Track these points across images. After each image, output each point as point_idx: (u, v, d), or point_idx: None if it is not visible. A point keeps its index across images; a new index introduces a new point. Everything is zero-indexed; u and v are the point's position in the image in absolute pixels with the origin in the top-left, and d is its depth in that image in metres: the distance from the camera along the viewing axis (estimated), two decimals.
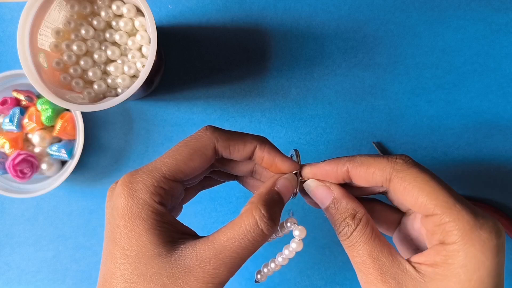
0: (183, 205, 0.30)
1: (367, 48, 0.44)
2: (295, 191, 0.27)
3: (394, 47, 0.44)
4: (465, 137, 0.44)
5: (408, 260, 0.23)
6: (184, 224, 0.24)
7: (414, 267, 0.23)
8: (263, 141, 0.26)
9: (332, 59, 0.44)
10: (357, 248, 0.24)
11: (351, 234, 0.25)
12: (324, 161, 0.27)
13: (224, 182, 0.31)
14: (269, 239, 0.25)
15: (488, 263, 0.21)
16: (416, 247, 0.27)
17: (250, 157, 0.26)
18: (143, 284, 0.21)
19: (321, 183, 0.27)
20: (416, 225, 0.27)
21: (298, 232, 0.26)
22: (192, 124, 0.45)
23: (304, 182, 0.28)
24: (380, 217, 0.29)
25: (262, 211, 0.23)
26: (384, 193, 0.27)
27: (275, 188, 0.25)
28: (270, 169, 0.27)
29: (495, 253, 0.21)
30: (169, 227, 0.22)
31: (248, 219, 0.22)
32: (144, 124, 0.45)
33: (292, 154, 0.29)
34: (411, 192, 0.24)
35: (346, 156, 0.26)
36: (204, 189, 0.30)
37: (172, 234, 0.22)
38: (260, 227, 0.22)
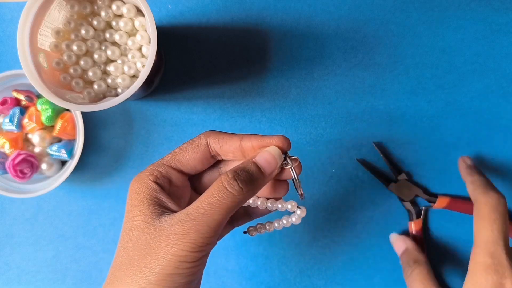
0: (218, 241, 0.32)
1: (367, 48, 0.44)
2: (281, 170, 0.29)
3: (394, 47, 0.44)
4: (465, 137, 0.44)
5: None
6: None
7: None
8: (250, 135, 0.29)
9: (332, 59, 0.44)
10: (415, 284, 0.37)
11: (411, 273, 0.39)
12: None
13: (251, 220, 0.33)
14: (264, 207, 0.29)
15: None
16: None
17: (240, 152, 0.28)
18: (131, 243, 0.25)
19: (398, 235, 0.44)
20: None
21: (300, 212, 0.29)
22: (192, 124, 0.45)
23: (290, 166, 0.28)
24: None
25: (229, 174, 0.25)
26: None
27: (252, 159, 0.27)
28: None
29: None
30: (158, 201, 0.26)
31: (215, 184, 0.25)
32: (144, 124, 0.45)
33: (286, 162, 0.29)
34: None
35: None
36: (234, 227, 0.33)
37: (160, 208, 0.26)
38: (225, 187, 0.25)
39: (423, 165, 0.44)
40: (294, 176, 0.28)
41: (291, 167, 0.28)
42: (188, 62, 0.45)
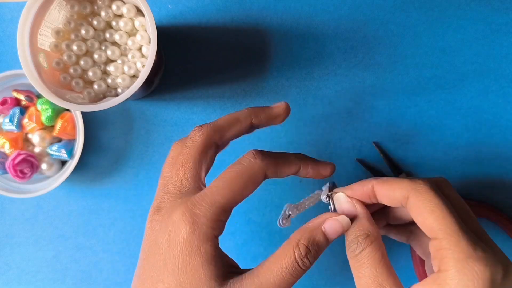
0: None
1: (367, 48, 0.44)
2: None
3: (394, 47, 0.44)
4: (465, 137, 0.44)
5: None
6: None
7: None
8: (304, 159, 0.28)
9: (332, 59, 0.44)
10: (363, 269, 0.25)
11: (359, 253, 0.26)
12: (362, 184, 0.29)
13: None
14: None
15: None
16: None
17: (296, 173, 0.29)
18: None
19: (348, 199, 0.29)
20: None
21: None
22: (192, 124, 0.45)
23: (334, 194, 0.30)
24: (419, 241, 0.31)
25: (302, 251, 0.24)
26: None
27: (322, 227, 0.26)
28: (315, 178, 0.30)
29: (487, 287, 0.22)
30: (221, 260, 0.23)
31: (288, 258, 0.24)
32: (144, 124, 0.45)
33: (328, 186, 0.31)
34: (422, 212, 0.25)
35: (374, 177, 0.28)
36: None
37: (223, 268, 0.23)
38: (299, 265, 0.24)
39: (423, 165, 0.44)
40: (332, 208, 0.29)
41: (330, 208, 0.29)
42: (188, 62, 0.45)
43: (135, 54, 0.39)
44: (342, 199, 0.29)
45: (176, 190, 0.25)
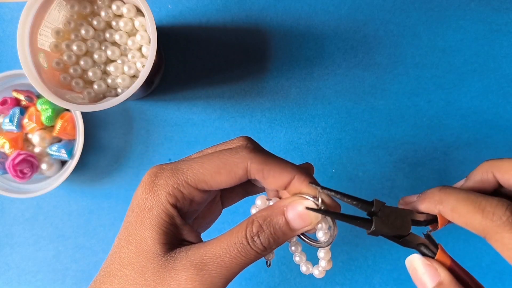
0: (224, 209, 0.30)
1: (367, 48, 0.44)
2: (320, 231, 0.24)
3: (394, 47, 0.44)
4: (465, 137, 0.44)
5: None
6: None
7: None
8: (301, 171, 0.24)
9: (332, 59, 0.44)
10: None
11: None
12: (419, 195, 0.25)
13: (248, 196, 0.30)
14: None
15: None
16: None
17: (285, 188, 0.24)
18: (130, 274, 0.22)
19: (427, 261, 0.23)
20: None
21: (323, 254, 0.26)
22: (192, 124, 0.45)
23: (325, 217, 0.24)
24: None
25: (254, 229, 0.22)
26: None
27: (283, 207, 0.23)
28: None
29: None
30: (173, 230, 0.23)
31: (239, 233, 0.22)
32: (144, 124, 0.45)
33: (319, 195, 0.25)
34: (509, 254, 0.21)
35: (438, 190, 0.24)
36: (249, 195, 0.29)
37: (173, 238, 0.23)
38: (248, 242, 0.22)
39: (423, 165, 0.44)
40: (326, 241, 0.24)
41: (330, 234, 0.24)
42: (188, 62, 0.45)
43: (135, 54, 0.39)
44: (419, 263, 0.23)
45: None
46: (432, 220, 0.25)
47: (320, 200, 0.24)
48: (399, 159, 0.44)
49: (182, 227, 0.23)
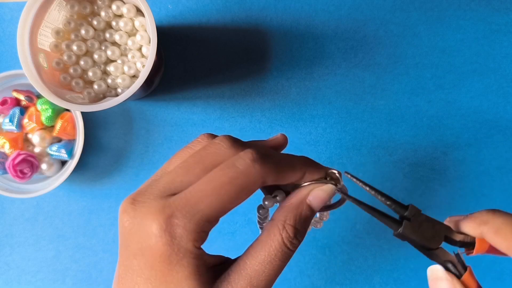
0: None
1: (367, 48, 0.44)
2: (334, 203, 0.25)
3: (394, 47, 0.44)
4: (465, 137, 0.44)
5: None
6: None
7: None
8: (310, 164, 0.24)
9: (332, 59, 0.44)
10: None
11: None
12: (467, 215, 0.25)
13: None
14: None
15: None
16: None
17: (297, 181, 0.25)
18: None
19: (451, 278, 0.23)
20: None
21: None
22: (192, 124, 0.45)
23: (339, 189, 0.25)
24: None
25: (290, 233, 0.22)
26: None
27: (307, 200, 0.23)
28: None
29: None
30: (206, 266, 0.21)
31: (275, 242, 0.22)
32: (144, 124, 0.45)
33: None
34: None
35: (486, 211, 0.23)
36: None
37: (208, 273, 0.21)
38: (288, 247, 0.22)
39: (423, 165, 0.44)
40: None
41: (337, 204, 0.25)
42: (188, 62, 0.45)
43: (135, 54, 0.39)
44: (442, 276, 0.23)
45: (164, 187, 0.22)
46: (469, 243, 0.25)
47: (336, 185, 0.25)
48: (399, 159, 0.44)
49: (209, 258, 0.22)
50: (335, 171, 0.25)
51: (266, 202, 0.26)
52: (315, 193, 0.24)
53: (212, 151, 0.22)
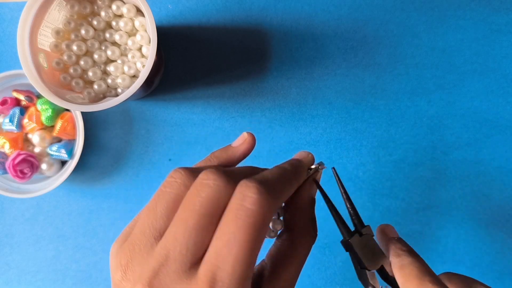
0: None
1: (367, 48, 0.44)
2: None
3: (394, 47, 0.44)
4: (465, 137, 0.44)
5: None
6: None
7: None
8: (299, 166, 0.24)
9: (332, 59, 0.44)
10: None
11: None
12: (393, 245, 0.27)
13: None
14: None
15: None
16: None
17: None
18: None
19: None
20: None
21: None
22: (192, 124, 0.45)
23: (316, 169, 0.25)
24: None
25: (313, 233, 0.24)
26: None
27: (307, 196, 0.25)
28: None
29: None
30: None
31: (305, 249, 0.23)
32: (144, 124, 0.45)
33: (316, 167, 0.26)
34: None
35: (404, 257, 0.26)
36: None
37: None
38: (315, 238, 0.24)
39: (423, 165, 0.44)
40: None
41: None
42: (188, 62, 0.45)
43: (135, 54, 0.39)
44: None
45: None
46: (396, 285, 0.26)
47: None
48: (399, 159, 0.44)
49: None
50: (313, 166, 0.26)
51: (275, 226, 0.25)
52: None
53: (211, 196, 0.19)
